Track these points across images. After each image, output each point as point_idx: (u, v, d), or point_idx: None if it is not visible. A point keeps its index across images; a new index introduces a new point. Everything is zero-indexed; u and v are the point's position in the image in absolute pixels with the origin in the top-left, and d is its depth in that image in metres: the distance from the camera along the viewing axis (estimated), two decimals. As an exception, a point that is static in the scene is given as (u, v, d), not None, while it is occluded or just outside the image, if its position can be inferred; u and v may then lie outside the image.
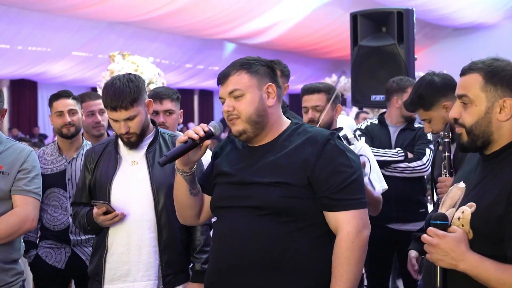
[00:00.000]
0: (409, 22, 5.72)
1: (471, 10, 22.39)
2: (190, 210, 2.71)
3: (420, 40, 18.25)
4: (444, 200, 2.33)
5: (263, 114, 2.51)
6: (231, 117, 2.51)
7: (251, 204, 2.47)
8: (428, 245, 2.14)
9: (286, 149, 2.50)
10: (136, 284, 3.15)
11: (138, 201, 3.15)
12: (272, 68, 2.59)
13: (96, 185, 3.24)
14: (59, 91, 4.15)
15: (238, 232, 2.48)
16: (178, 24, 17.28)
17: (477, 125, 2.19)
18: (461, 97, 2.21)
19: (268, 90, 2.53)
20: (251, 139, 2.54)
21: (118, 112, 3.11)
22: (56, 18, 15.78)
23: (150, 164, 3.18)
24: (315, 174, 2.44)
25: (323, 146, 2.46)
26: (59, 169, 3.99)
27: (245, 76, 2.51)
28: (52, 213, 3.96)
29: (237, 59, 2.60)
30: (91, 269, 3.26)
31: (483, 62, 2.21)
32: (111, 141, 3.31)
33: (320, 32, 20.12)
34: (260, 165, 2.50)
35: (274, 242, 2.43)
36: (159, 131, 3.30)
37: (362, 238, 2.45)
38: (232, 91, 2.50)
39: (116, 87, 3.10)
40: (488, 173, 2.20)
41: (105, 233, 3.19)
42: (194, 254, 3.24)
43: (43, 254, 3.96)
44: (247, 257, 2.45)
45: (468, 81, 2.20)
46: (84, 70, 19.37)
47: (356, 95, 6.01)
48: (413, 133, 4.86)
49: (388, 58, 5.73)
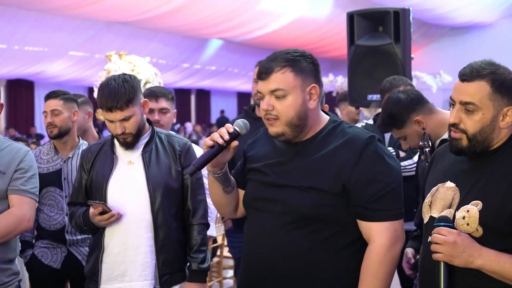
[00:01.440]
0: (406, 21, 5.73)
1: (467, 10, 22.40)
2: (227, 207, 2.66)
3: (417, 40, 18.28)
4: (432, 201, 2.32)
5: (304, 118, 2.38)
6: (269, 117, 2.38)
7: (281, 209, 2.39)
8: (442, 244, 2.13)
9: (323, 151, 2.39)
10: (133, 284, 3.15)
11: (135, 201, 3.15)
12: (317, 64, 2.45)
13: (92, 185, 3.24)
14: (50, 91, 4.15)
15: (265, 239, 2.42)
16: (175, 23, 17.26)
17: (481, 132, 2.21)
18: (465, 104, 2.20)
19: (311, 91, 2.40)
20: (289, 140, 2.43)
21: (114, 113, 3.10)
22: (53, 18, 15.76)
23: (146, 164, 3.18)
24: (351, 182, 2.35)
25: (362, 152, 2.37)
26: (55, 168, 4.00)
27: (290, 75, 2.35)
28: (48, 212, 3.95)
29: (280, 51, 2.42)
30: (88, 269, 3.25)
31: (487, 69, 2.19)
32: (107, 141, 3.31)
33: (317, 32, 20.11)
34: (294, 165, 2.41)
35: (299, 254, 2.37)
36: (155, 131, 3.30)
37: (394, 252, 2.38)
38: (274, 89, 2.35)
39: (111, 88, 3.09)
40: (486, 171, 2.22)
41: (102, 233, 3.19)
42: (191, 253, 3.24)
43: (39, 254, 3.95)
44: (272, 266, 2.40)
45: (476, 89, 2.19)
46: (81, 70, 19.36)
47: (353, 94, 6.01)
48: None
49: (385, 57, 5.73)
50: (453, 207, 2.25)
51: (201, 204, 3.27)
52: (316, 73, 2.43)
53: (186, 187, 3.24)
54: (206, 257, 3.27)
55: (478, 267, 2.12)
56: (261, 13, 17.52)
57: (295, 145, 2.44)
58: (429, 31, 23.56)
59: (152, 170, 3.17)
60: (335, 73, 17.50)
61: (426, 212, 2.35)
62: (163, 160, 3.22)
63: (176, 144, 3.28)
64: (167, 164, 3.22)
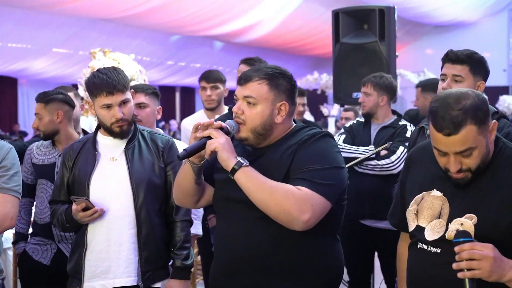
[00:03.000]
0: (391, 19, 5.74)
1: (451, 8, 22.54)
2: (192, 197, 2.73)
3: (401, 38, 18.35)
4: (419, 210, 2.34)
5: (268, 128, 2.55)
6: (238, 120, 2.55)
7: (246, 207, 2.48)
8: (481, 259, 2.07)
9: (280, 152, 2.53)
10: (117, 281, 3.13)
11: (117, 197, 3.14)
12: (294, 85, 2.62)
13: (75, 182, 3.22)
14: (39, 93, 4.14)
15: (238, 233, 2.54)
16: (160, 21, 17.23)
17: (482, 162, 2.23)
18: (464, 151, 2.20)
19: (280, 107, 2.56)
20: (252, 145, 2.59)
21: (115, 95, 3.09)
22: (36, 15, 15.67)
23: (129, 160, 3.17)
24: (292, 165, 2.48)
25: (305, 141, 2.51)
26: (50, 161, 4.01)
27: (265, 88, 2.53)
28: (39, 205, 3.97)
29: (265, 65, 2.64)
30: (71, 267, 3.23)
31: (459, 110, 2.16)
32: (90, 138, 3.29)
33: (302, 30, 20.16)
34: (256, 166, 2.49)
35: (265, 246, 2.48)
36: (138, 128, 3.29)
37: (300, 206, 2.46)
38: (247, 96, 2.53)
39: (105, 73, 3.10)
40: (477, 183, 2.24)
41: (84, 230, 3.17)
42: (174, 250, 3.24)
43: (30, 251, 3.95)
44: (241, 258, 2.52)
45: (466, 136, 2.17)
46: (65, 67, 19.27)
47: (337, 92, 6.03)
48: (393, 130, 4.85)
49: (370, 55, 5.75)
50: (443, 217, 2.26)
51: (184, 201, 3.27)
52: (290, 93, 2.59)
53: (169, 184, 3.23)
54: (189, 254, 3.26)
55: (506, 280, 2.11)
56: (246, 10, 17.51)
57: (259, 149, 2.59)
58: (413, 29, 23.66)
59: (135, 166, 3.16)
60: (320, 70, 17.55)
61: (412, 221, 2.37)
62: (146, 156, 3.21)
63: (159, 141, 3.28)
64: (150, 160, 3.21)
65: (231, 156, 2.42)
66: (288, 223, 2.39)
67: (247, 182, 2.40)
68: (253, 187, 2.39)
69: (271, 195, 2.36)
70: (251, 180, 2.39)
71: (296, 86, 2.64)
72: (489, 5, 24.14)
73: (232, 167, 2.41)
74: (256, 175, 2.41)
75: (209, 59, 22.79)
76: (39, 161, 4.00)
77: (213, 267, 2.69)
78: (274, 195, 2.36)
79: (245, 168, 2.41)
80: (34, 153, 4.04)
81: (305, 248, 2.49)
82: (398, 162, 4.67)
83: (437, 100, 2.22)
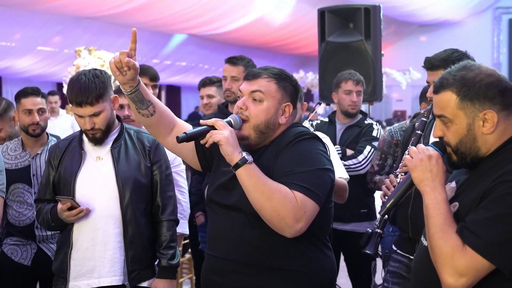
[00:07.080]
0: (376, 18, 5.76)
1: (436, 8, 22.64)
2: (150, 128, 2.72)
3: (386, 37, 18.39)
4: None
5: (271, 128, 2.55)
6: (241, 116, 2.53)
7: (236, 209, 2.50)
8: (416, 153, 2.14)
9: (271, 152, 2.53)
10: (102, 280, 3.13)
11: (103, 196, 3.13)
12: (298, 90, 2.66)
13: (60, 181, 3.21)
14: (28, 88, 4.04)
15: (228, 234, 2.53)
16: (145, 19, 17.17)
17: (462, 143, 2.12)
18: (439, 116, 2.14)
19: (285, 108, 2.57)
20: (251, 146, 2.56)
21: (84, 108, 3.08)
22: (20, 13, 15.56)
23: (115, 160, 3.16)
24: (275, 168, 2.47)
25: (288, 143, 2.50)
26: (23, 165, 3.94)
27: (273, 86, 2.55)
28: (18, 208, 3.90)
29: (273, 67, 2.64)
30: (56, 266, 3.22)
31: (453, 75, 2.11)
32: (76, 137, 3.28)
33: (288, 28, 20.15)
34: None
35: (254, 245, 2.48)
36: (124, 127, 3.28)
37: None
38: (255, 90, 2.53)
39: (81, 83, 3.07)
40: (471, 177, 2.16)
41: (70, 229, 3.16)
42: (160, 250, 3.23)
43: (9, 252, 3.89)
44: (231, 257, 2.52)
45: (443, 100, 2.11)
46: (50, 65, 19.14)
47: (323, 91, 6.03)
48: (359, 130, 4.81)
49: (356, 54, 5.77)
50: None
51: (170, 200, 3.27)
52: (294, 97, 2.62)
53: (155, 183, 3.23)
54: (175, 253, 3.26)
55: (423, 193, 2.10)
56: (231, 9, 17.50)
57: (253, 151, 2.56)
58: (398, 28, 23.75)
59: (121, 165, 3.15)
60: (305, 69, 17.55)
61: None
62: (132, 156, 3.20)
63: (145, 140, 3.27)
64: (136, 160, 3.20)
65: (235, 151, 2.40)
66: (281, 229, 2.38)
67: (247, 180, 2.38)
68: (253, 186, 2.37)
69: (268, 199, 2.35)
70: (252, 179, 2.38)
71: (300, 91, 2.67)
72: (473, 5, 24.27)
73: (236, 162, 2.39)
74: (258, 174, 2.39)
75: (195, 57, 22.74)
76: (10, 166, 3.90)
77: (204, 267, 2.69)
78: (271, 200, 2.35)
79: (249, 165, 2.39)
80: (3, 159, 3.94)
81: (295, 249, 2.48)
82: (366, 162, 4.61)
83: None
